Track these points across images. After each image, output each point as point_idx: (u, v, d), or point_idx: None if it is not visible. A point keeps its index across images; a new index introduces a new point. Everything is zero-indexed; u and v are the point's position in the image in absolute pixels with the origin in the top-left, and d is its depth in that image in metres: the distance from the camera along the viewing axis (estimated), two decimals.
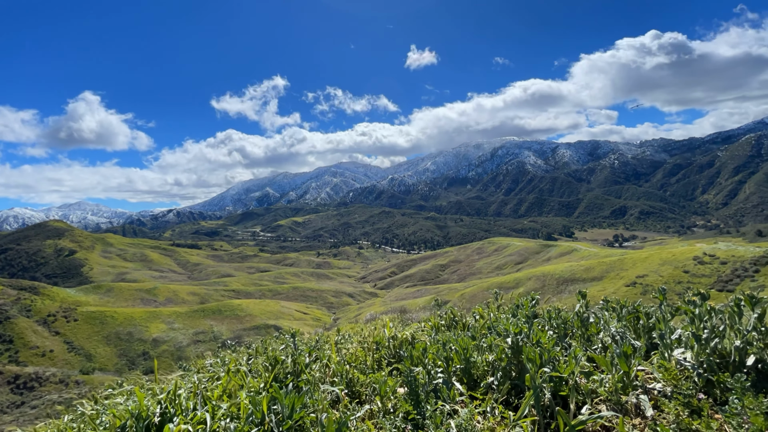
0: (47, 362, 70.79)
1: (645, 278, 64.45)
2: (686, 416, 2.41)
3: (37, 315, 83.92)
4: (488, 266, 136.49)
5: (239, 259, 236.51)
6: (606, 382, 3.07)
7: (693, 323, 3.25)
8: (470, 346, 3.61)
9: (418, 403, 2.97)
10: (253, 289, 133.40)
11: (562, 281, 76.80)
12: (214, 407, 2.92)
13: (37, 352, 72.95)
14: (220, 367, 5.07)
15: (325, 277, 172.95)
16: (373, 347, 4.26)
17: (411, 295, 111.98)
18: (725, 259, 61.49)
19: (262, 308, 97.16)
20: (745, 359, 2.71)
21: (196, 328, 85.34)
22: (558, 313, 4.96)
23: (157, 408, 2.93)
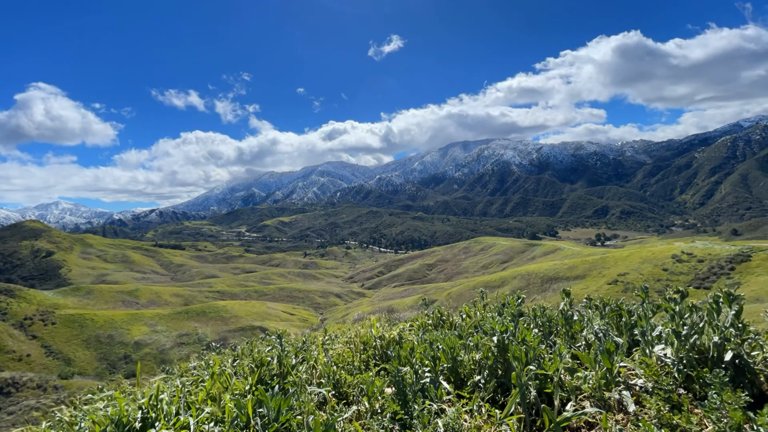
0: (24, 367, 68.45)
1: (626, 276, 66.01)
2: (667, 411, 2.47)
3: (13, 318, 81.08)
4: (474, 265, 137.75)
5: (224, 260, 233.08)
6: (590, 378, 3.12)
7: (673, 320, 3.32)
8: (457, 345, 3.63)
9: (405, 402, 2.96)
10: (238, 290, 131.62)
11: (547, 280, 78.06)
12: (197, 411, 2.85)
13: (14, 357, 70.49)
14: (204, 369, 4.98)
15: (312, 278, 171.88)
16: (361, 348, 4.24)
17: (398, 295, 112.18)
18: (702, 258, 63.46)
19: (248, 309, 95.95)
20: (723, 355, 2.79)
21: (179, 331, 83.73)
22: (543, 311, 5.03)
23: (138, 413, 2.85)
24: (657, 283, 58.94)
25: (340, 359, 3.96)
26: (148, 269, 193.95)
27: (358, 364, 3.84)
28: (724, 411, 2.10)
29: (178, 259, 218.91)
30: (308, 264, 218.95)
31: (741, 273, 55.19)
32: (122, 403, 2.90)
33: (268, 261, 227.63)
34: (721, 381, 2.24)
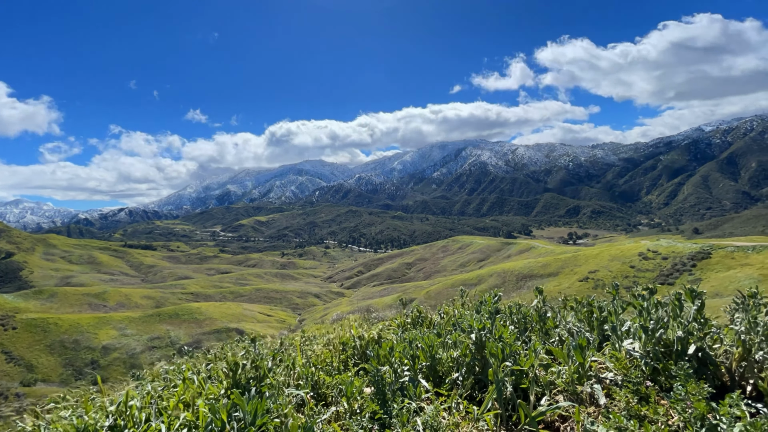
0: None
1: (596, 273, 68.49)
2: (635, 403, 2.57)
3: None
4: (453, 264, 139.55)
5: (198, 261, 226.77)
6: (563, 373, 3.21)
7: (641, 316, 3.46)
8: (436, 344, 3.66)
9: (384, 402, 2.96)
10: (213, 292, 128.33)
11: (522, 277, 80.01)
12: (169, 418, 2.75)
13: None
14: (177, 374, 4.82)
15: (290, 278, 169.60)
16: (340, 348, 4.20)
17: (378, 294, 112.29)
18: (666, 255, 66.61)
19: (223, 311, 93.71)
20: (686, 348, 2.92)
21: (150, 334, 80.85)
22: (518, 308, 5.15)
23: (106, 421, 2.73)
24: (625, 279, 61.43)
25: (318, 360, 3.92)
26: (116, 271, 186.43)
27: (337, 365, 3.81)
28: (689, 402, 2.21)
29: (149, 260, 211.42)
30: (286, 264, 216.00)
31: (702, 270, 58.25)
32: (89, 410, 2.77)
33: (244, 261, 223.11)
34: (685, 373, 2.35)
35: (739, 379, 2.78)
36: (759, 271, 50.08)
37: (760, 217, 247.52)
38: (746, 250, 58.73)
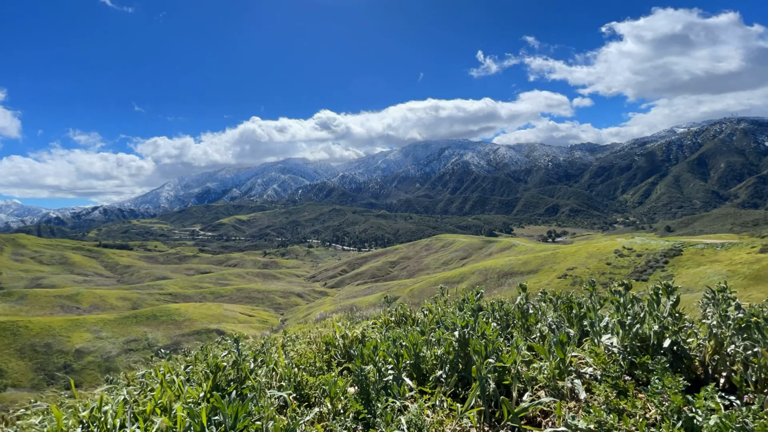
0: None
1: (574, 270, 70.25)
2: (614, 397, 2.63)
3: None
4: (436, 262, 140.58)
5: (177, 260, 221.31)
6: (545, 369, 3.26)
7: (618, 311, 3.55)
8: (420, 342, 3.66)
9: (368, 401, 2.94)
10: (192, 292, 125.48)
11: (503, 275, 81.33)
12: (146, 423, 2.66)
13: None
14: (154, 377, 4.67)
15: (272, 278, 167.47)
16: (323, 348, 4.15)
17: (362, 293, 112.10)
18: (640, 252, 68.90)
19: (203, 312, 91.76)
20: (662, 342, 3.01)
21: (127, 336, 78.42)
22: (500, 305, 5.22)
23: (78, 428, 2.62)
24: (602, 276, 63.19)
25: (301, 360, 3.86)
26: (90, 271, 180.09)
27: (320, 365, 3.76)
28: (666, 395, 2.27)
29: (125, 260, 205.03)
30: (268, 263, 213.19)
31: (674, 266, 60.50)
32: (60, 417, 2.65)
33: (224, 261, 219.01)
34: (662, 367, 2.42)
35: (712, 372, 2.88)
36: (727, 267, 52.35)
37: (728, 215, 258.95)
38: (715, 248, 61.32)
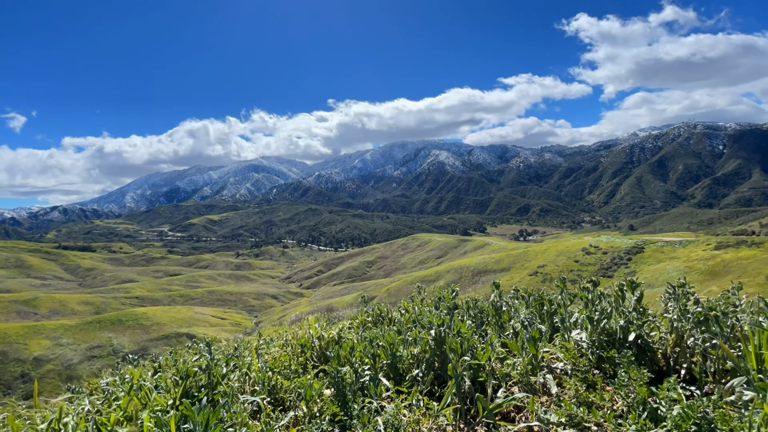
0: None
1: (545, 268, 72.54)
2: (584, 390, 2.72)
3: None
4: (412, 261, 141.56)
5: (144, 262, 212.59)
6: (518, 365, 3.33)
7: (587, 307, 3.67)
8: (396, 341, 3.66)
9: (345, 403, 2.91)
10: (161, 295, 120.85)
11: (477, 273, 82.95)
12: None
13: None
14: (119, 385, 4.44)
15: (245, 279, 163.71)
16: (298, 350, 4.08)
17: (338, 293, 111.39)
18: (606, 250, 71.96)
19: (172, 315, 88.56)
20: (627, 336, 3.14)
21: (90, 343, 74.55)
22: (475, 303, 5.30)
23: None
24: (570, 273, 65.53)
25: (276, 364, 3.77)
26: (49, 275, 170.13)
27: (295, 368, 3.69)
28: (632, 387, 2.37)
29: (87, 262, 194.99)
30: (241, 265, 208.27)
31: (636, 263, 63.53)
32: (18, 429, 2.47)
33: (195, 263, 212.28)
34: (627, 360, 2.52)
35: (674, 364, 3.03)
36: (685, 263, 55.47)
37: (685, 214, 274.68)
38: (674, 245, 64.86)
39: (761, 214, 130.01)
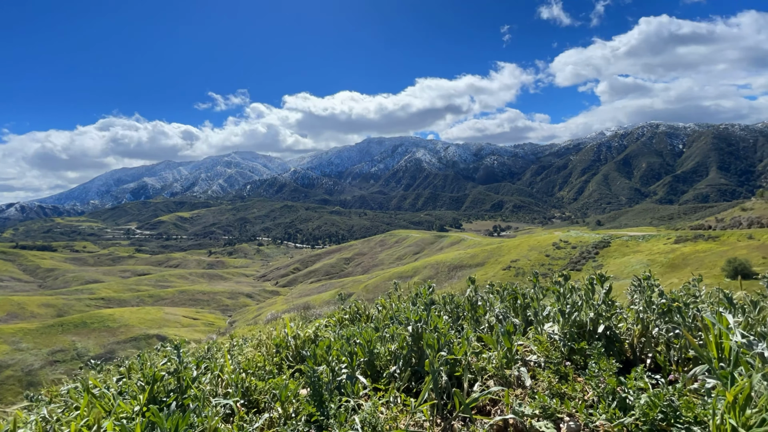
0: None
1: (517, 262, 74.52)
2: (557, 382, 2.79)
3: None
4: (390, 257, 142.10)
5: (110, 262, 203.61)
6: (493, 359, 3.38)
7: (559, 300, 3.77)
8: (374, 338, 3.64)
9: (321, 403, 2.86)
10: (128, 296, 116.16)
11: (453, 268, 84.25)
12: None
13: None
14: (81, 392, 4.21)
15: (218, 278, 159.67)
16: (273, 350, 3.98)
17: (315, 291, 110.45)
18: (575, 245, 74.67)
19: (141, 317, 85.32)
20: (597, 328, 3.25)
21: (52, 347, 70.78)
22: (451, 298, 5.35)
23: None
24: (541, 267, 67.60)
25: (249, 365, 3.67)
26: (6, 276, 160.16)
27: (270, 368, 3.60)
28: (602, 377, 2.44)
29: (47, 262, 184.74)
30: (214, 263, 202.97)
31: (603, 256, 66.25)
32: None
33: (165, 261, 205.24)
34: (598, 351, 2.60)
35: (640, 354, 3.16)
36: (647, 256, 58.28)
37: (648, 210, 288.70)
38: (638, 239, 68.01)
39: (717, 210, 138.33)
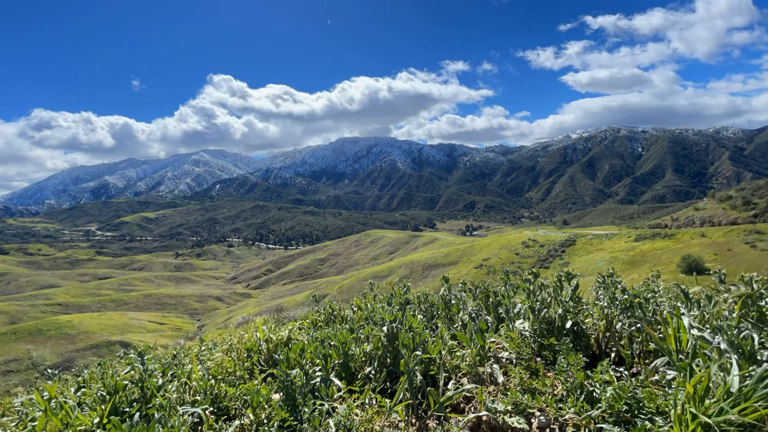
0: None
1: (489, 261, 76.29)
2: (528, 378, 2.85)
3: None
4: (365, 257, 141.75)
5: (67, 265, 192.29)
6: (467, 356, 3.42)
7: (529, 298, 3.87)
8: (349, 340, 3.60)
9: (295, 407, 2.80)
10: (88, 301, 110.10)
11: (427, 267, 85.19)
12: None
13: None
14: (36, 404, 3.93)
15: (186, 281, 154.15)
16: (244, 355, 3.87)
17: (288, 292, 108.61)
18: (543, 243, 77.26)
19: (102, 322, 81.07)
20: (565, 324, 3.36)
21: (5, 356, 65.97)
22: (426, 297, 5.39)
23: None
24: (511, 265, 69.52)
25: (219, 370, 3.55)
26: None
27: (241, 374, 3.49)
28: (570, 372, 2.52)
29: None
30: (181, 266, 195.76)
31: (569, 254, 68.90)
32: None
33: (128, 264, 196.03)
34: (566, 347, 2.68)
35: (605, 348, 3.29)
36: (610, 254, 61.11)
37: (610, 210, 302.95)
38: (601, 238, 71.21)
39: (672, 210, 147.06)
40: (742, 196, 68.09)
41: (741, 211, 64.40)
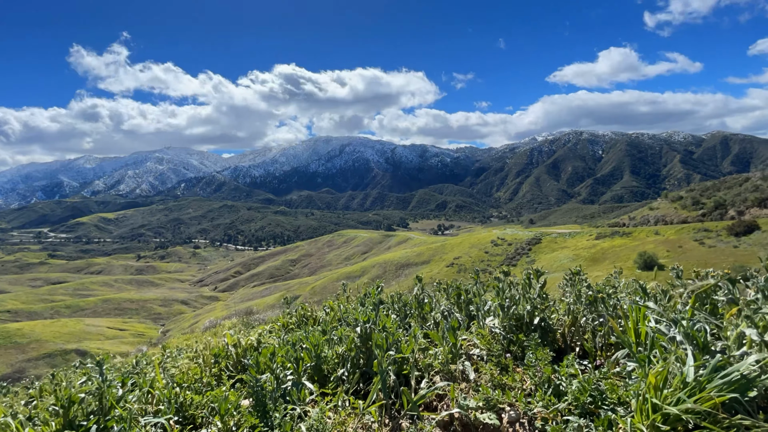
0: None
1: (460, 259, 77.80)
2: (498, 374, 2.92)
3: None
4: (338, 258, 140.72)
5: (16, 270, 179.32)
6: (439, 354, 3.46)
7: (499, 295, 3.97)
8: (321, 342, 3.55)
9: (265, 413, 2.72)
10: (40, 307, 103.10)
11: (400, 266, 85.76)
12: None
13: None
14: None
15: (149, 284, 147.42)
16: (211, 361, 3.72)
17: (258, 295, 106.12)
18: (511, 242, 79.67)
19: (56, 330, 76.11)
20: (533, 320, 3.46)
21: None
22: (399, 297, 5.41)
23: None
24: (481, 263, 71.21)
25: (184, 377, 3.40)
26: None
27: (208, 380, 3.35)
28: (538, 367, 2.60)
29: None
30: (143, 268, 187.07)
31: (535, 252, 71.41)
32: None
33: (85, 268, 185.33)
34: (534, 342, 2.76)
35: (570, 342, 3.42)
36: (573, 251, 63.81)
37: (573, 209, 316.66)
38: (565, 236, 74.24)
39: (630, 209, 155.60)
40: (691, 196, 73.00)
41: (691, 211, 69.04)
